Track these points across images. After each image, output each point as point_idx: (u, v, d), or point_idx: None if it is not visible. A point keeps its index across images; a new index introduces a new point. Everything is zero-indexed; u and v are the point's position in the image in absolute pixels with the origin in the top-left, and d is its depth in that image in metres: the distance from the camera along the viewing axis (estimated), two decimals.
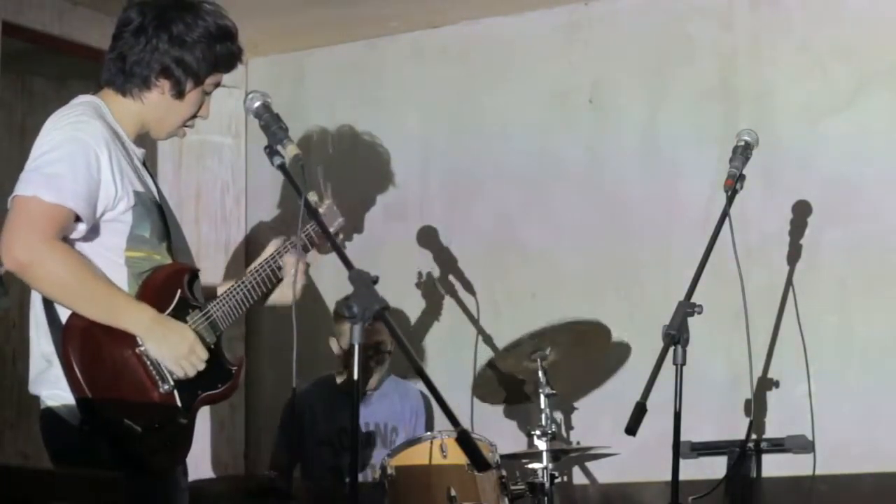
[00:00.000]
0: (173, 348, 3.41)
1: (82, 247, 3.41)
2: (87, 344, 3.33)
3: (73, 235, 3.39)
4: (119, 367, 3.36)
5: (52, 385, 3.38)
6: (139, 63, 3.51)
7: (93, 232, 3.41)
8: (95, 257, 3.41)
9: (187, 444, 3.49)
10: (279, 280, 3.76)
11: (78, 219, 3.36)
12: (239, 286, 3.67)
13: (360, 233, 6.22)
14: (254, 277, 3.71)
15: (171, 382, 3.41)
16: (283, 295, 3.77)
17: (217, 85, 3.63)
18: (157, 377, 3.39)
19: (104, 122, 3.46)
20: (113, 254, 3.44)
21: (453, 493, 4.43)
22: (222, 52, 3.57)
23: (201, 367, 3.45)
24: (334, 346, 5.60)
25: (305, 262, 3.77)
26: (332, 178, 6.21)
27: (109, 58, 3.56)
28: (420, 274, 6.08)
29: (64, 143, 3.36)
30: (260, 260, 3.77)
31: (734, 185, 4.40)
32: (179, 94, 3.55)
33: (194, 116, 3.63)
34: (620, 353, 5.61)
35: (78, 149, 3.36)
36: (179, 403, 3.43)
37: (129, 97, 3.54)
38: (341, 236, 4.09)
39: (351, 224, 4.27)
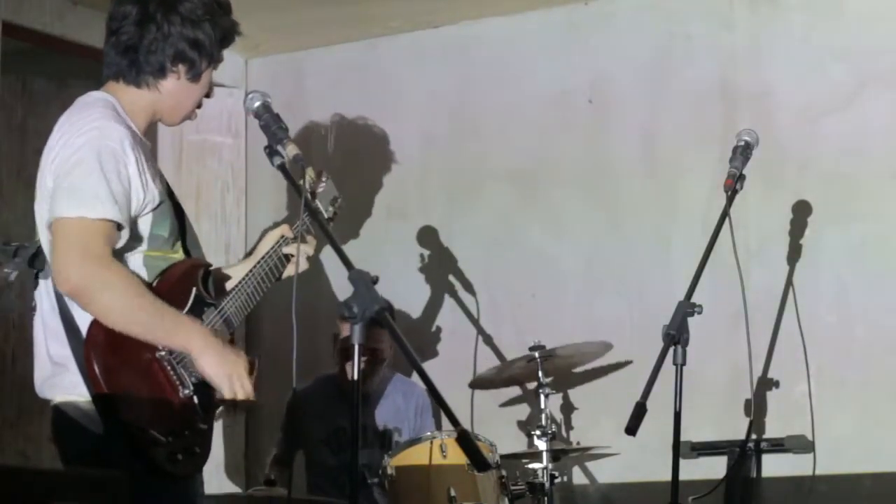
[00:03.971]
0: (231, 367, 3.37)
1: None
2: (108, 351, 3.28)
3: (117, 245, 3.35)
4: (141, 373, 3.32)
5: (66, 391, 3.34)
6: (153, 51, 3.46)
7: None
8: (119, 259, 3.36)
9: (207, 450, 3.45)
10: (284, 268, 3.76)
11: (119, 227, 3.33)
12: (248, 279, 3.64)
13: (356, 238, 6.21)
14: (262, 267, 3.70)
15: (191, 387, 3.36)
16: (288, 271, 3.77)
17: (220, 61, 3.59)
18: (178, 382, 3.35)
19: (124, 124, 3.40)
20: (134, 255, 3.41)
21: (453, 493, 4.43)
22: (226, 24, 3.54)
23: (250, 392, 3.40)
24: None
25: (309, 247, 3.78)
26: (332, 178, 6.20)
27: (115, 52, 3.49)
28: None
29: (92, 154, 3.30)
30: (264, 251, 3.77)
31: (734, 185, 4.40)
32: (196, 76, 3.51)
33: (207, 96, 3.60)
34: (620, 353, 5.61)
35: (108, 158, 3.31)
36: (199, 408, 3.39)
37: (143, 88, 3.48)
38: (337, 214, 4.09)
39: (346, 201, 4.25)
